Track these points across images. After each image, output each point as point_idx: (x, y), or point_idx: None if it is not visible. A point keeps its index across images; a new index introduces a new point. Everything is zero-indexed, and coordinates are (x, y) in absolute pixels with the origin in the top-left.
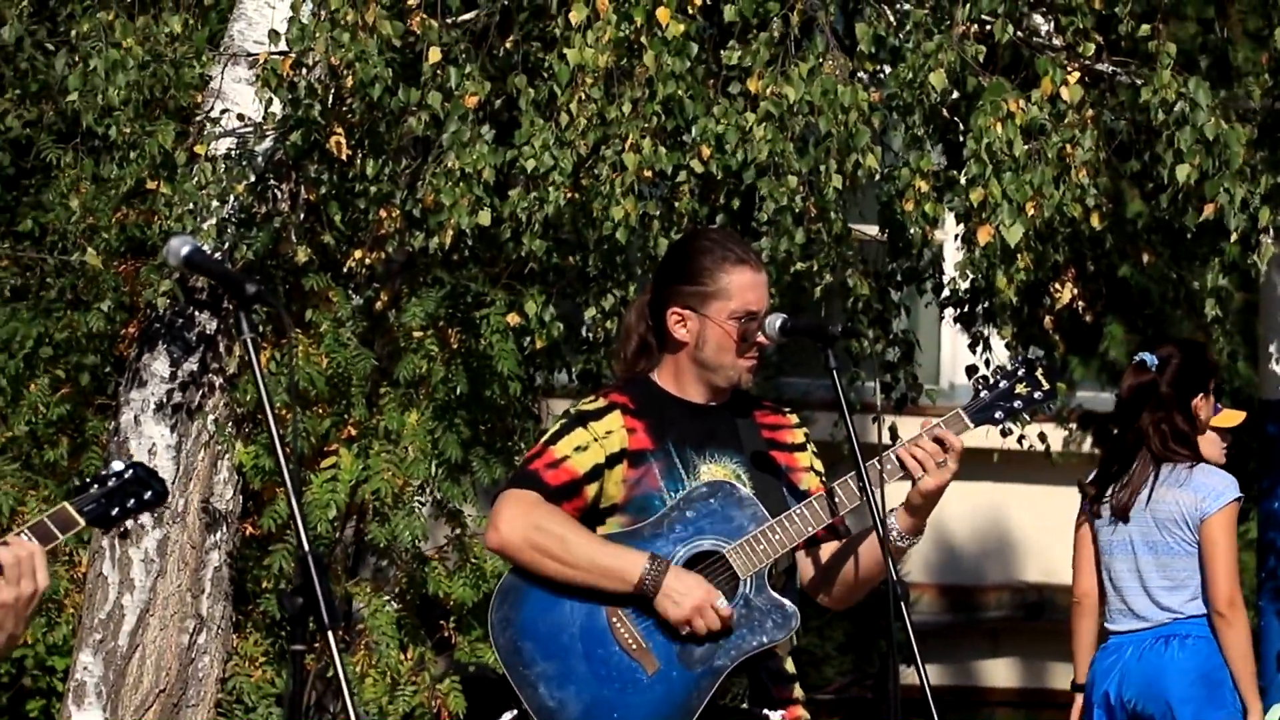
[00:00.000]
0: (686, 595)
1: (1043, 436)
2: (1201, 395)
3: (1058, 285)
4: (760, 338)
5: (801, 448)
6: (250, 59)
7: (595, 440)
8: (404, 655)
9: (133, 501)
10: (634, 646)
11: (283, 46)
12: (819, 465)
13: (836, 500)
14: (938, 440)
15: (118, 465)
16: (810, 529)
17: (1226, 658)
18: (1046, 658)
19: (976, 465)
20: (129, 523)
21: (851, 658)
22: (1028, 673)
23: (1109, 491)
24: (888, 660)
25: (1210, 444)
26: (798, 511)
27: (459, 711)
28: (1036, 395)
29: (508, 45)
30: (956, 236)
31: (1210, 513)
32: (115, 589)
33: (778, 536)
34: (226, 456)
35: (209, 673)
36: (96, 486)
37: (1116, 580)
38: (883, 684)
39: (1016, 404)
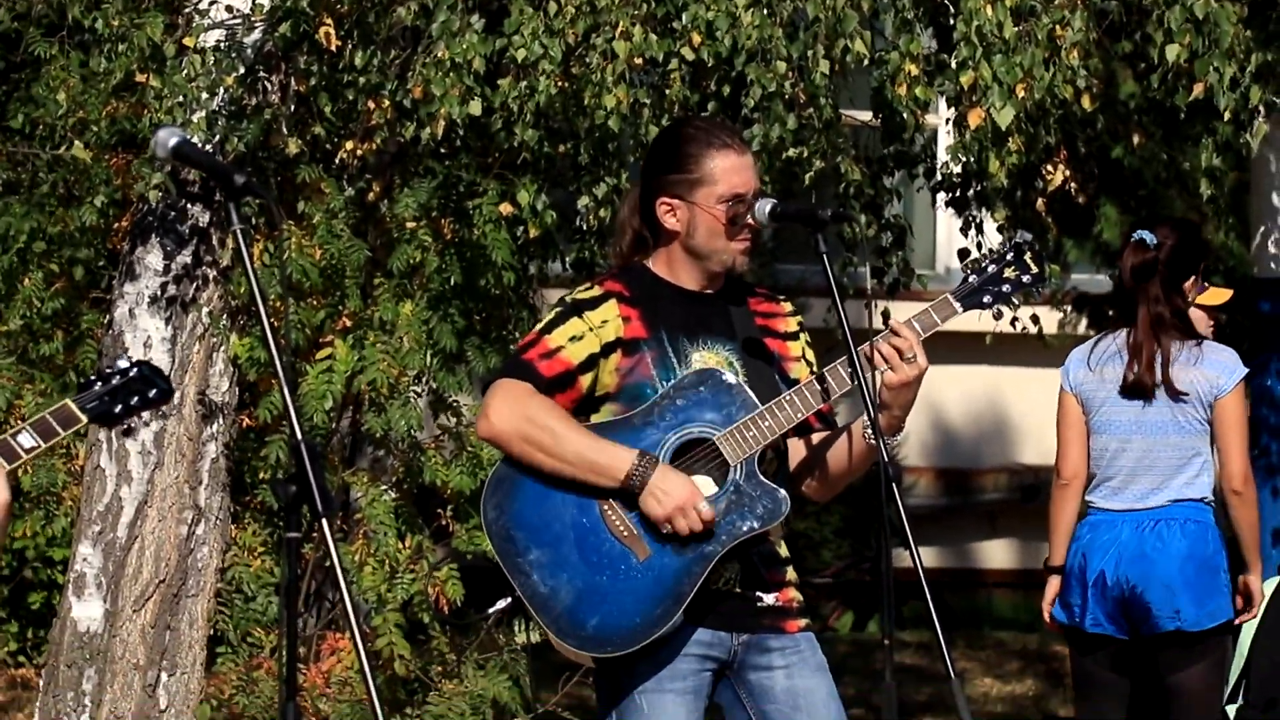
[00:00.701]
0: (670, 494)
1: (1035, 319)
2: (1193, 277)
3: (1050, 168)
4: (751, 220)
5: (794, 336)
6: None
7: (590, 330)
8: (402, 544)
9: (136, 399)
10: (625, 533)
11: None
12: (811, 355)
13: (827, 386)
14: (894, 346)
15: (123, 363)
16: (800, 415)
17: (1238, 529)
18: (1043, 538)
19: (971, 348)
20: (132, 420)
21: (849, 541)
22: (1025, 553)
23: (1111, 370)
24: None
25: (1198, 322)
26: (788, 398)
27: (457, 599)
28: (1025, 279)
29: None
30: (948, 120)
31: (1226, 390)
32: (113, 481)
33: (768, 423)
34: (222, 349)
35: (208, 563)
36: (100, 383)
37: (1116, 459)
38: (879, 567)
39: (1005, 288)
